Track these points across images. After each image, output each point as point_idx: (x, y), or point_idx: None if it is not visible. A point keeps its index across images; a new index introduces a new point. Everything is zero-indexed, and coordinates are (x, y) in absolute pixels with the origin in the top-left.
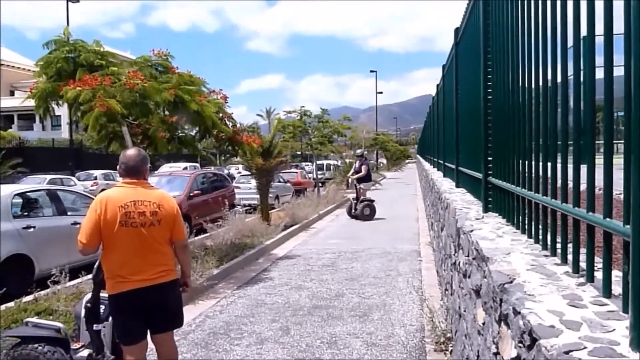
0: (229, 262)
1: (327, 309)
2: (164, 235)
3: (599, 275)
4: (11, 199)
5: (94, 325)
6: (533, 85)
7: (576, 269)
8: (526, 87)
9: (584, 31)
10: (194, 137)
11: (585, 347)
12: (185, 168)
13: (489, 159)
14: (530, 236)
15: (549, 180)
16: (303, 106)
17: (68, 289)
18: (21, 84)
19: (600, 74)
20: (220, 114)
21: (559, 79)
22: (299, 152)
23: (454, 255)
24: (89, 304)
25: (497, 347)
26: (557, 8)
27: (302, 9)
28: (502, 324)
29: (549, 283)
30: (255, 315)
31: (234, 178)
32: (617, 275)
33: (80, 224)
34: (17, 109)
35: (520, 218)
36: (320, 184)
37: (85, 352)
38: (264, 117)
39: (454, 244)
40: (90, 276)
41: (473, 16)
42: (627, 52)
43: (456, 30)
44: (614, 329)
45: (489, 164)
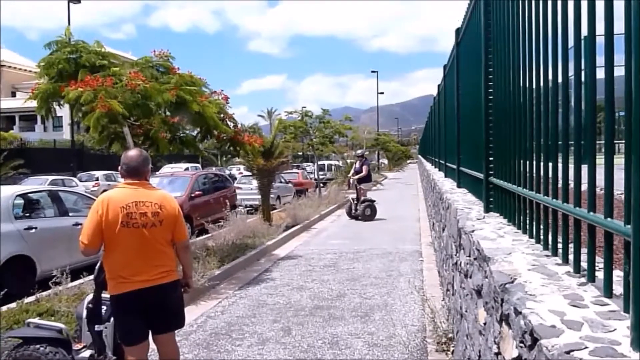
0: (231, 262)
1: (328, 309)
2: (166, 236)
3: (600, 275)
4: (13, 200)
5: (96, 326)
6: (534, 85)
7: (577, 269)
8: (527, 87)
9: (584, 31)
10: (195, 138)
11: (587, 347)
12: (187, 169)
13: (490, 159)
14: (531, 236)
15: (550, 180)
16: (304, 107)
17: (70, 289)
18: (23, 85)
19: (600, 74)
20: (222, 115)
21: (560, 79)
22: (300, 153)
23: (455, 255)
24: (90, 305)
25: (498, 347)
26: (558, 8)
27: (303, 9)
28: (504, 324)
29: (550, 283)
30: (257, 315)
31: (236, 179)
32: (618, 275)
33: (81, 224)
34: (19, 110)
35: (522, 218)
36: (321, 185)
37: (87, 353)
38: (265, 117)
39: (455, 244)
40: (92, 277)
41: (474, 16)
42: (627, 52)
43: (457, 30)
44: (615, 329)
45: (490, 164)
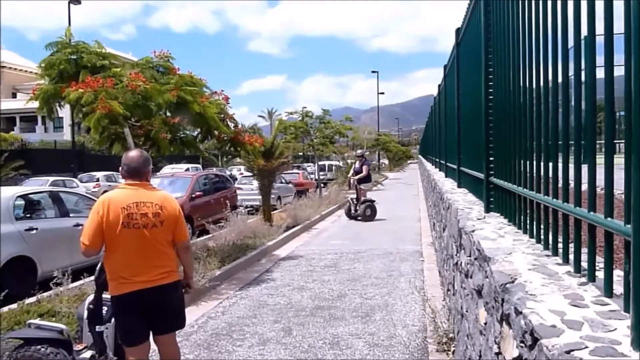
0: (231, 263)
1: (329, 309)
2: (167, 237)
3: (600, 274)
4: (13, 201)
5: (97, 327)
6: (534, 85)
7: (578, 268)
8: (527, 87)
9: (584, 31)
10: (196, 138)
11: (587, 347)
12: (187, 169)
13: (491, 159)
14: (531, 236)
15: (551, 180)
16: (305, 107)
17: (70, 290)
18: (23, 86)
19: (600, 73)
20: (222, 115)
21: (560, 79)
22: (301, 153)
23: (456, 255)
24: (91, 306)
25: (499, 347)
26: (558, 8)
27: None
28: (504, 323)
29: (550, 283)
30: (258, 316)
31: (236, 179)
32: (619, 274)
33: (82, 225)
34: (19, 111)
35: (522, 218)
36: (322, 185)
37: (87, 354)
38: (265, 118)
39: (455, 244)
40: (93, 278)
41: (474, 16)
42: (627, 51)
43: (457, 30)
44: (615, 329)
45: (491, 164)
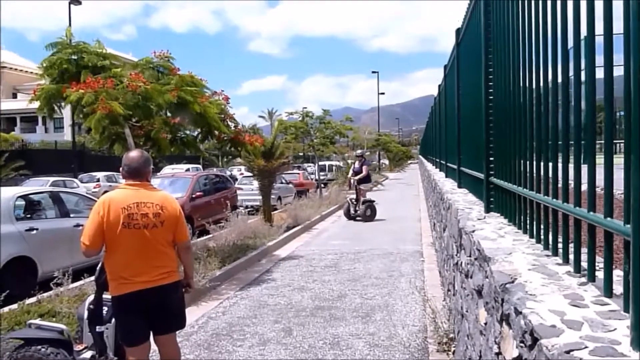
0: (232, 263)
1: (329, 309)
2: (167, 237)
3: (600, 274)
4: (14, 202)
5: (97, 327)
6: (534, 85)
7: (577, 268)
8: (527, 87)
9: (584, 31)
10: (196, 139)
11: (587, 347)
12: (188, 169)
13: (491, 159)
14: (531, 236)
15: (550, 180)
16: (305, 107)
17: (71, 290)
18: (24, 86)
19: (600, 73)
20: (222, 115)
21: (560, 79)
22: (301, 153)
23: (456, 255)
24: (91, 306)
25: (499, 347)
26: (558, 8)
27: (303, 9)
28: (504, 324)
29: (550, 283)
30: (258, 316)
31: (236, 179)
32: (619, 274)
33: (82, 226)
34: (20, 112)
35: (522, 218)
36: (322, 185)
37: (88, 354)
38: (266, 118)
39: (456, 245)
40: (93, 278)
41: (474, 17)
42: (626, 51)
43: (457, 30)
44: (615, 329)
45: (491, 164)
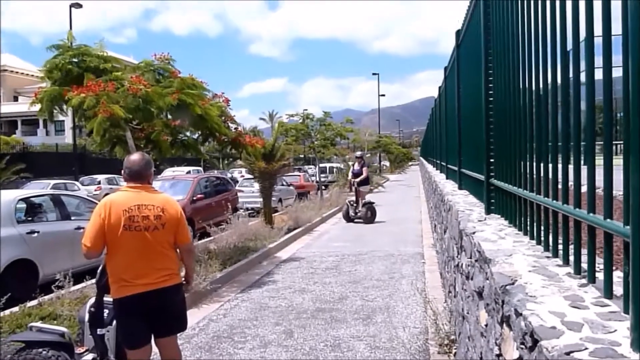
0: (233, 265)
1: (330, 311)
2: (168, 239)
3: (600, 276)
4: (15, 204)
5: (98, 330)
6: (534, 86)
7: (578, 270)
8: (527, 88)
9: (583, 33)
10: (197, 141)
11: (587, 348)
12: (189, 172)
13: (491, 160)
14: (532, 238)
15: (550, 182)
16: (306, 109)
17: (72, 293)
18: (25, 89)
19: (599, 75)
20: (223, 117)
21: (559, 80)
22: (302, 155)
23: (457, 257)
24: (92, 309)
25: (499, 349)
26: (557, 10)
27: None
28: (505, 325)
29: (550, 284)
30: (259, 318)
31: (237, 182)
32: (619, 276)
33: (83, 228)
34: (21, 115)
35: (522, 220)
36: (323, 187)
37: (89, 357)
38: (266, 120)
39: (456, 246)
40: (94, 280)
41: (474, 18)
42: (625, 53)
43: (457, 32)
44: (615, 330)
45: (491, 166)
